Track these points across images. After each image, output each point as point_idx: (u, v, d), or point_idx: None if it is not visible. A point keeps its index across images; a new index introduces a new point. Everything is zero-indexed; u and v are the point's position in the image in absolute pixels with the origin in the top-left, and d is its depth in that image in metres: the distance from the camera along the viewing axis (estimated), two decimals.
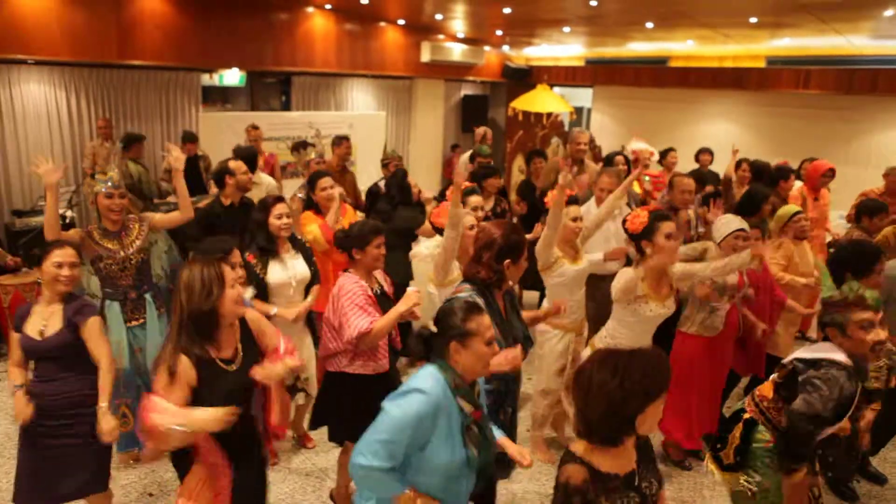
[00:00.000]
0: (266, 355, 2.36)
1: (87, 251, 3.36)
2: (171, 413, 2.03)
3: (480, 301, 2.56)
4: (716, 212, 3.81)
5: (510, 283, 2.73)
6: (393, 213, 4.69)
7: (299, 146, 6.69)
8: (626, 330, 3.30)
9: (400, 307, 2.79)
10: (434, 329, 2.05)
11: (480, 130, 7.41)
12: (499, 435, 2.27)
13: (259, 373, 2.24)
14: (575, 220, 3.66)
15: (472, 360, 1.99)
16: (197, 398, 2.14)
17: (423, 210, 4.72)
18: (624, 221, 3.38)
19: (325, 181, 4.21)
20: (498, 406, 2.68)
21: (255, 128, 7.25)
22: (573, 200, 3.78)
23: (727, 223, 3.68)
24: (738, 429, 2.68)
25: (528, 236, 3.16)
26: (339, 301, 2.90)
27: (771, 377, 2.78)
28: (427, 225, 4.39)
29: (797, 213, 4.30)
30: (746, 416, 2.71)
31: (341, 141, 5.90)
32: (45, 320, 2.72)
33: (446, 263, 3.40)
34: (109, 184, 3.42)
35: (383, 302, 3.05)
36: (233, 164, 4.43)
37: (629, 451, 1.87)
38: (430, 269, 3.61)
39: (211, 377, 2.16)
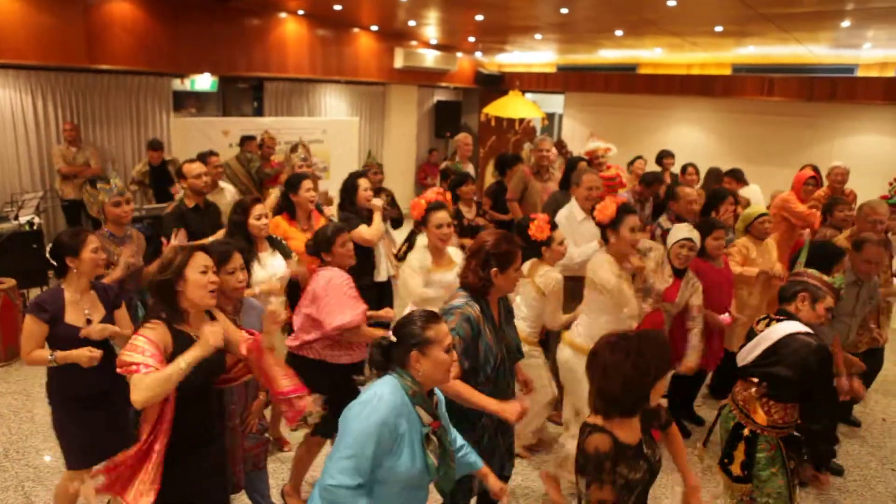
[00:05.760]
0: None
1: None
2: (147, 359, 2.08)
3: (476, 307, 2.59)
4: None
5: (505, 291, 2.73)
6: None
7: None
8: (609, 316, 3.31)
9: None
10: (393, 339, 2.05)
11: (460, 137, 7.37)
12: (482, 464, 2.33)
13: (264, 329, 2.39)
14: (561, 243, 3.69)
15: (431, 367, 2.01)
16: None
17: (363, 216, 4.42)
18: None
19: (309, 182, 4.28)
20: (480, 413, 2.66)
21: (271, 137, 7.25)
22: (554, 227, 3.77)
23: (675, 232, 3.89)
24: (742, 446, 2.90)
25: None
26: (328, 291, 3.03)
27: (750, 389, 2.94)
28: (361, 230, 4.24)
29: (762, 214, 4.50)
30: (745, 432, 2.89)
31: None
32: (86, 308, 2.81)
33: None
34: (115, 191, 3.53)
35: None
36: (185, 168, 4.47)
37: (636, 422, 2.05)
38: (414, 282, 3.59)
39: (185, 348, 2.18)
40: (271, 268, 3.60)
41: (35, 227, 6.05)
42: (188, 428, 2.24)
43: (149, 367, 2.05)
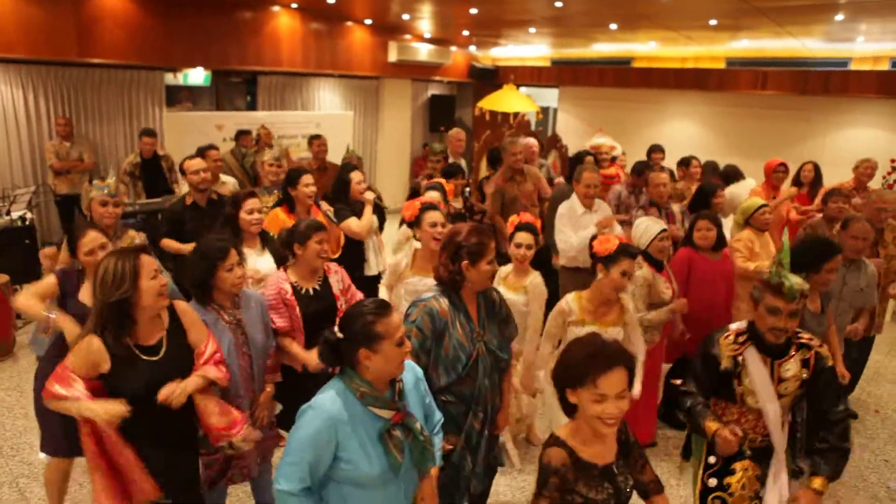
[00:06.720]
0: (193, 353, 2.37)
1: None
2: (76, 391, 2.14)
3: (444, 301, 2.53)
4: None
5: (479, 286, 2.59)
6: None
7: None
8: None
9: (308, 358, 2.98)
10: (340, 335, 1.93)
11: (452, 133, 7.32)
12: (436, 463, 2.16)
13: (161, 393, 2.23)
14: (519, 246, 3.51)
15: (382, 363, 1.90)
16: (110, 384, 2.20)
17: (355, 209, 4.38)
18: (593, 238, 3.34)
19: (308, 177, 4.23)
20: (465, 411, 2.56)
21: (268, 132, 7.18)
22: (525, 227, 3.59)
23: (647, 228, 3.80)
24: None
25: None
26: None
27: None
28: (349, 223, 4.22)
29: (762, 205, 4.41)
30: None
31: (314, 139, 6.06)
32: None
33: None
34: (105, 191, 3.47)
35: (312, 301, 3.07)
36: (185, 164, 4.41)
37: (610, 444, 1.97)
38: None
39: (125, 364, 2.19)
40: (252, 265, 3.41)
41: (27, 223, 6.01)
42: (146, 430, 2.25)
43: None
